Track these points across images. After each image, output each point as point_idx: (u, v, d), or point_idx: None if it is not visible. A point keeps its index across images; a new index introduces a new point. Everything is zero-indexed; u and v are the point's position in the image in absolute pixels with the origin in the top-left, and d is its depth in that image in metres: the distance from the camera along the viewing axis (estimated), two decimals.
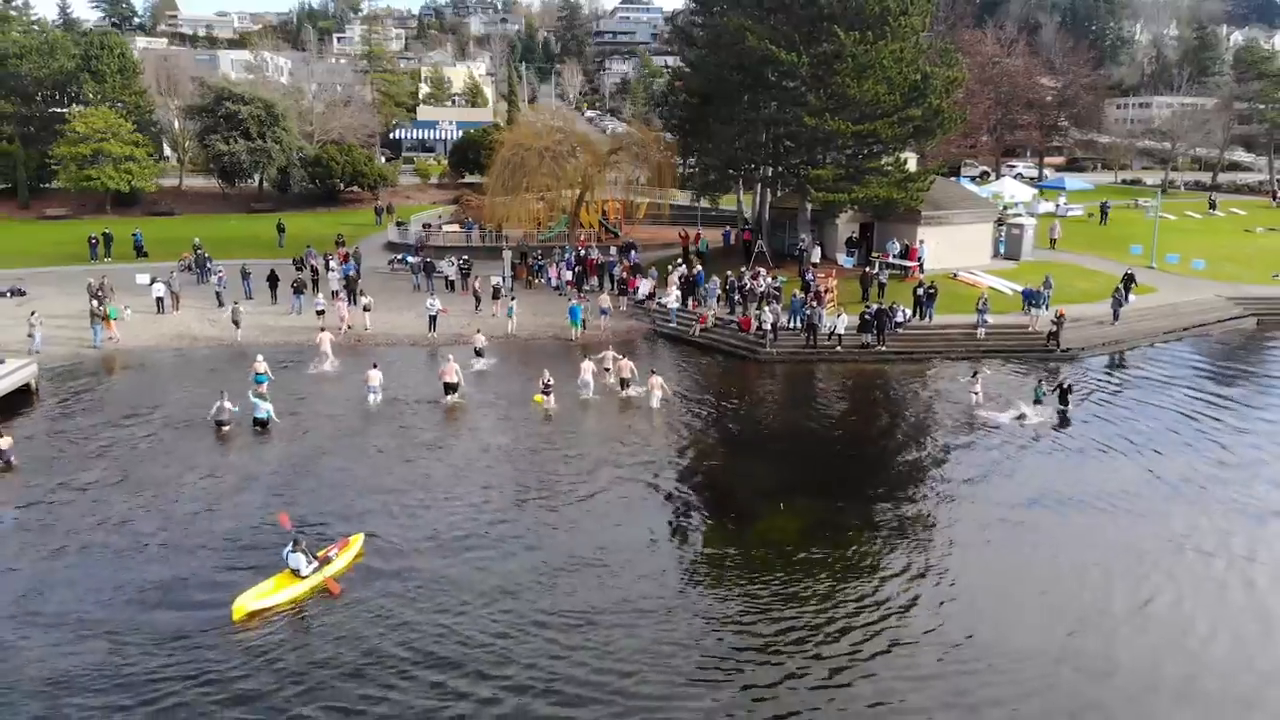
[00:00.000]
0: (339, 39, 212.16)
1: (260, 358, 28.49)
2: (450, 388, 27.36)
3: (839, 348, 32.92)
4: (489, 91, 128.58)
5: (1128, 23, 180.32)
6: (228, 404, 24.80)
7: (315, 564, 16.53)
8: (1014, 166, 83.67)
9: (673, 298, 37.31)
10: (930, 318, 34.46)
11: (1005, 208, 54.75)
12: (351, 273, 39.34)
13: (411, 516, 19.67)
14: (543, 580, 16.89)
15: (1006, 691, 13.81)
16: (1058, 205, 60.90)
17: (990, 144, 78.89)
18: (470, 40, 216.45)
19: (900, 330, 33.56)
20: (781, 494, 21.13)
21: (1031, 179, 77.30)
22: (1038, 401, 26.48)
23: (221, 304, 37.80)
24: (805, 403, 28.71)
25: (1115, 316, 34.93)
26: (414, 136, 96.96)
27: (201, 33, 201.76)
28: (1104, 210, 58.39)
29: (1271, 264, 46.50)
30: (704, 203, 51.32)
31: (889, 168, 39.60)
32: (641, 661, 14.39)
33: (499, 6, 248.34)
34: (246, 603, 15.59)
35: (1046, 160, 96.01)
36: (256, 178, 63.88)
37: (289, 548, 16.49)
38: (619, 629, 15.25)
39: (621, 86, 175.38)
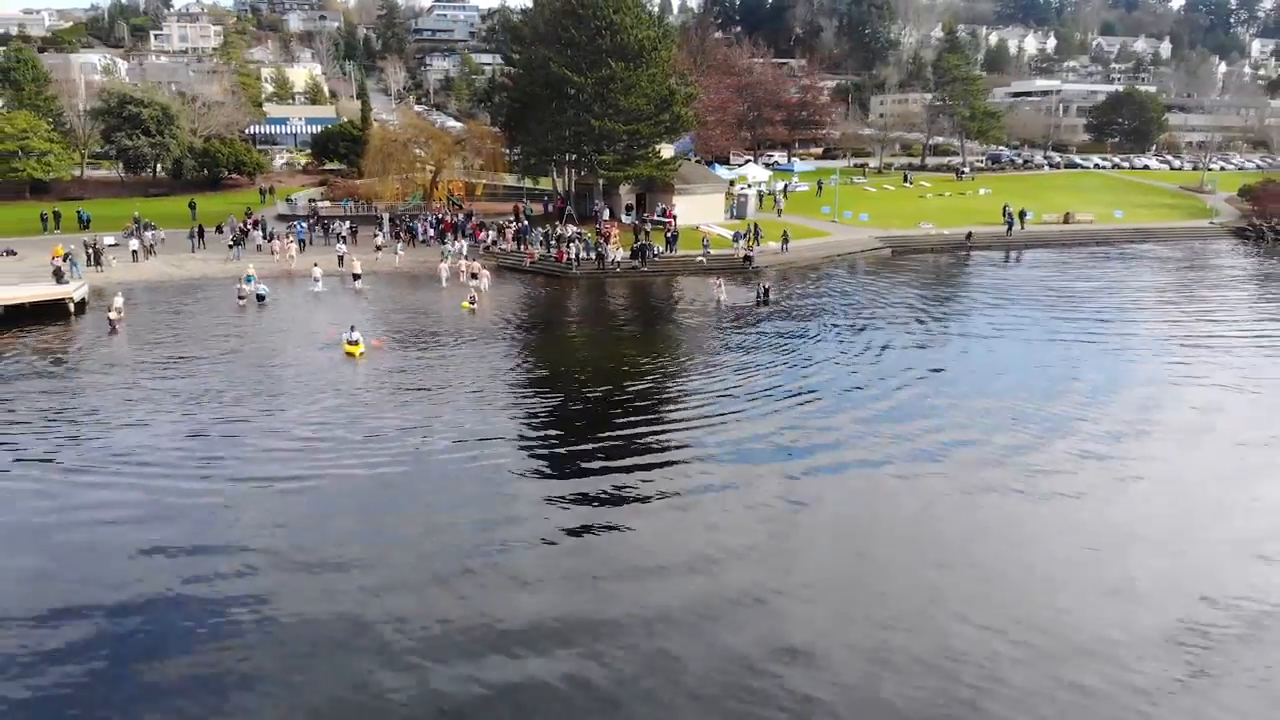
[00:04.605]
0: (155, 36, 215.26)
1: (250, 266, 44.61)
2: (356, 276, 45.74)
3: (619, 269, 51.27)
4: (327, 89, 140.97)
5: (896, 26, 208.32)
6: (245, 285, 41.32)
7: (361, 340, 33.52)
8: (771, 156, 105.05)
9: (460, 246, 53.39)
10: (675, 250, 53.45)
11: (748, 185, 75.01)
12: (303, 236, 55.13)
13: (368, 331, 36.50)
14: (436, 352, 34.13)
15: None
16: (788, 184, 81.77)
17: (748, 138, 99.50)
18: (292, 38, 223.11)
19: (656, 258, 52.30)
20: (577, 326, 39.32)
21: (779, 164, 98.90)
22: (758, 296, 44.42)
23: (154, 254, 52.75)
24: (597, 297, 46.91)
25: (784, 248, 54.88)
26: (265, 131, 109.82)
27: (14, 31, 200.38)
28: (819, 185, 79.81)
29: (922, 217, 68.24)
30: (528, 182, 69.06)
31: (650, 155, 58.43)
32: (488, 386, 32.06)
33: (314, 4, 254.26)
34: (354, 350, 32.73)
35: (810, 151, 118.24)
36: (153, 167, 76.60)
37: (348, 331, 33.43)
38: (487, 375, 32.76)
39: (445, 83, 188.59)
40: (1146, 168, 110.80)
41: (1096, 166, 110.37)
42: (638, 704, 14.39)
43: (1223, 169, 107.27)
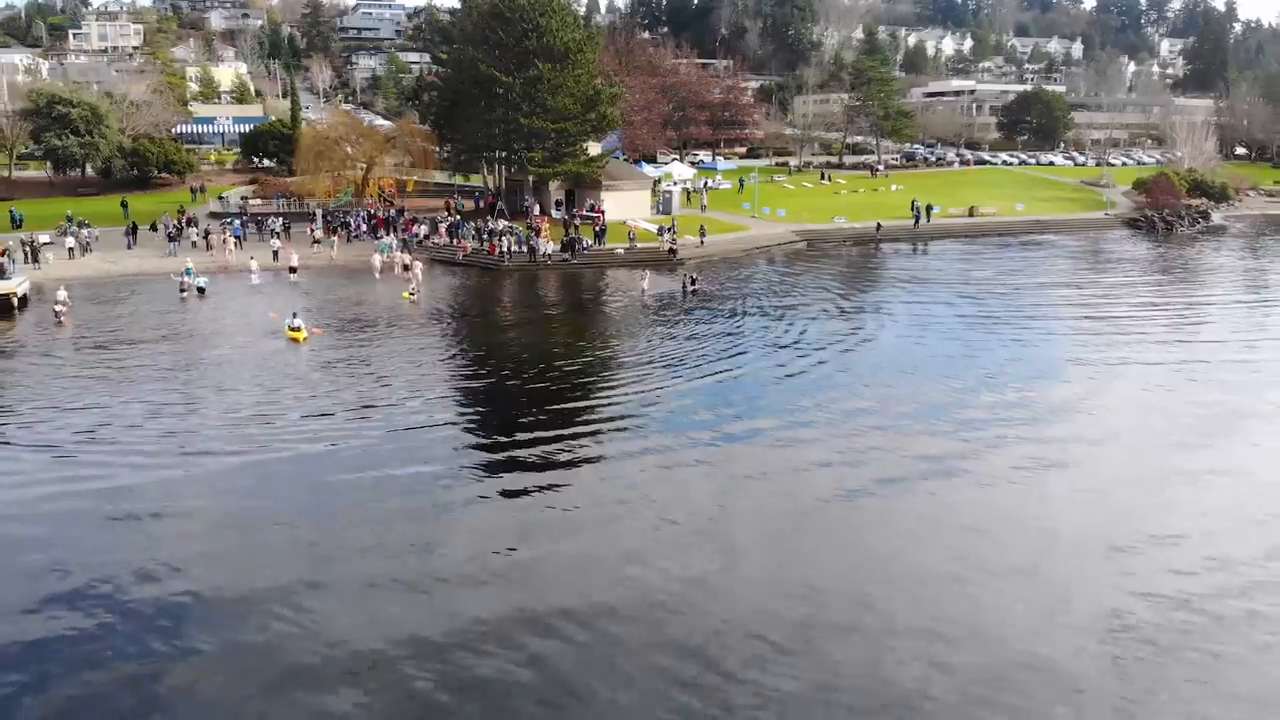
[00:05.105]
0: (74, 35, 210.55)
1: (189, 260, 45.96)
2: (293, 270, 47.31)
3: (549, 261, 53.54)
4: (253, 88, 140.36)
5: (819, 27, 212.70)
6: (185, 277, 42.86)
7: (304, 327, 35.29)
8: (696, 154, 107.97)
9: (392, 241, 55.33)
10: (603, 244, 55.92)
11: (675, 183, 77.79)
12: (239, 233, 55.76)
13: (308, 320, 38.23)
14: (375, 338, 36.17)
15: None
16: (709, 181, 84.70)
17: (674, 138, 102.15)
18: (215, 36, 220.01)
19: (585, 251, 54.70)
20: (511, 315, 41.59)
21: (704, 163, 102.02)
22: (685, 287, 46.92)
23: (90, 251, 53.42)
24: (529, 288, 49.25)
25: (701, 241, 57.57)
26: (193, 131, 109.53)
27: None
28: (741, 183, 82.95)
29: (836, 212, 71.58)
30: (459, 179, 70.92)
31: (578, 153, 60.80)
32: (428, 359, 34.20)
33: (236, 2, 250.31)
34: (298, 336, 34.54)
35: (734, 150, 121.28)
36: (83, 167, 76.62)
37: (292, 317, 35.21)
38: (427, 358, 34.86)
39: (372, 82, 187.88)
40: (1052, 164, 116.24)
41: (1005, 163, 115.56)
42: (565, 622, 16.80)
43: (1124, 164, 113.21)
